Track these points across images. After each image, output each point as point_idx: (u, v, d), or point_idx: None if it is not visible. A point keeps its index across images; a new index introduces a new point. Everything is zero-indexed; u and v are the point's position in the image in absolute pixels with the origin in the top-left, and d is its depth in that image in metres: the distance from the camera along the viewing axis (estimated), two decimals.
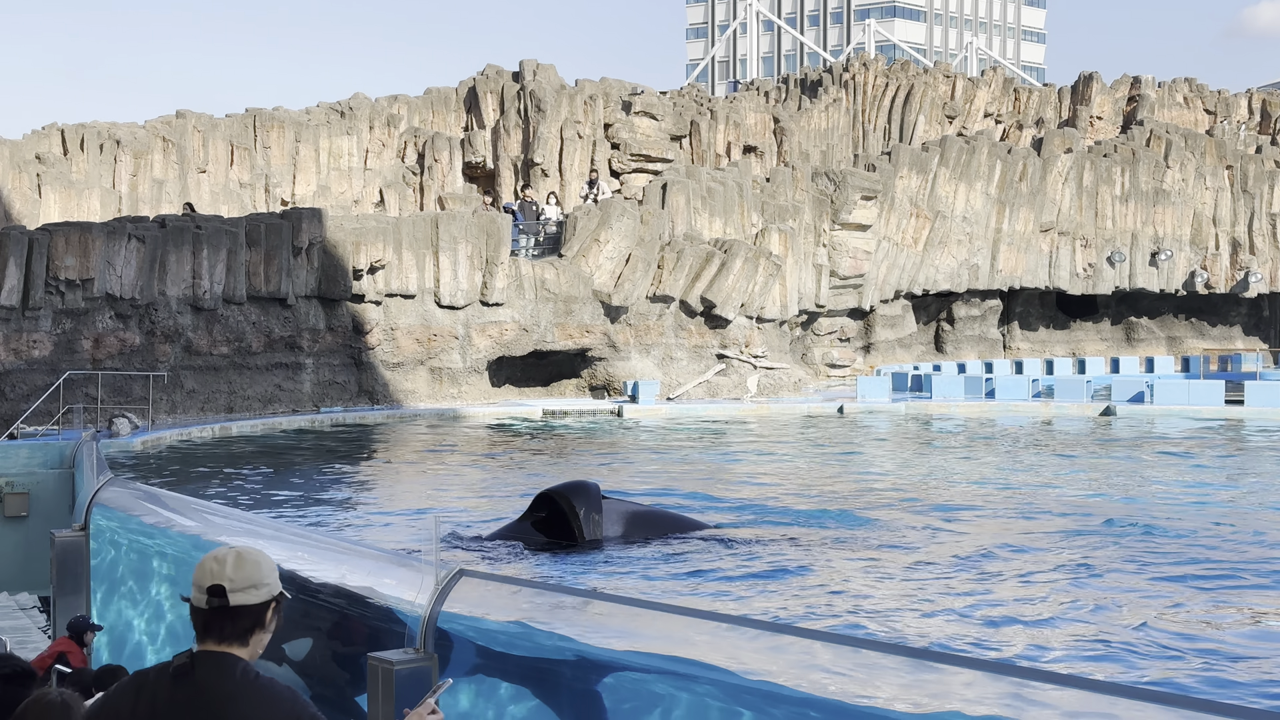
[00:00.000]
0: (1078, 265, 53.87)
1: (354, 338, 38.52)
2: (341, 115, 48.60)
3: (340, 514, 22.65)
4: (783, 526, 21.43)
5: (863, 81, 57.38)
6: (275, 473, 27.53)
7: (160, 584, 10.73)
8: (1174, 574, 17.72)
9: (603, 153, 48.85)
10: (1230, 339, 58.21)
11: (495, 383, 41.14)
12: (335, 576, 9.04)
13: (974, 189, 51.36)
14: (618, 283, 41.21)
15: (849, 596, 16.66)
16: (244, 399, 36.61)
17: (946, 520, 22.00)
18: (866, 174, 48.35)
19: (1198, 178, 55.20)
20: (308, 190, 46.99)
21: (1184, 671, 13.26)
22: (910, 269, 50.30)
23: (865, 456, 32.01)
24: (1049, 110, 59.12)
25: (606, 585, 16.84)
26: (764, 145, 53.76)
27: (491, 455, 31.28)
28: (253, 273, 36.65)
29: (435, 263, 39.25)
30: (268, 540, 9.97)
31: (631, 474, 28.11)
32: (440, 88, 51.13)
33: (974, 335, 54.17)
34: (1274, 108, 60.02)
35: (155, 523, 10.74)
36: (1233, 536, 20.43)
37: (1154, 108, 58.40)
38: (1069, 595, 16.59)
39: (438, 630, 7.77)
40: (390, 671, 7.75)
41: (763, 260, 43.12)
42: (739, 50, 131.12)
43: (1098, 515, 22.41)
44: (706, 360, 42.84)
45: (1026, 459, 31.05)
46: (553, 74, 49.91)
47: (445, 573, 7.83)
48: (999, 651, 13.84)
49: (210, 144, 45.71)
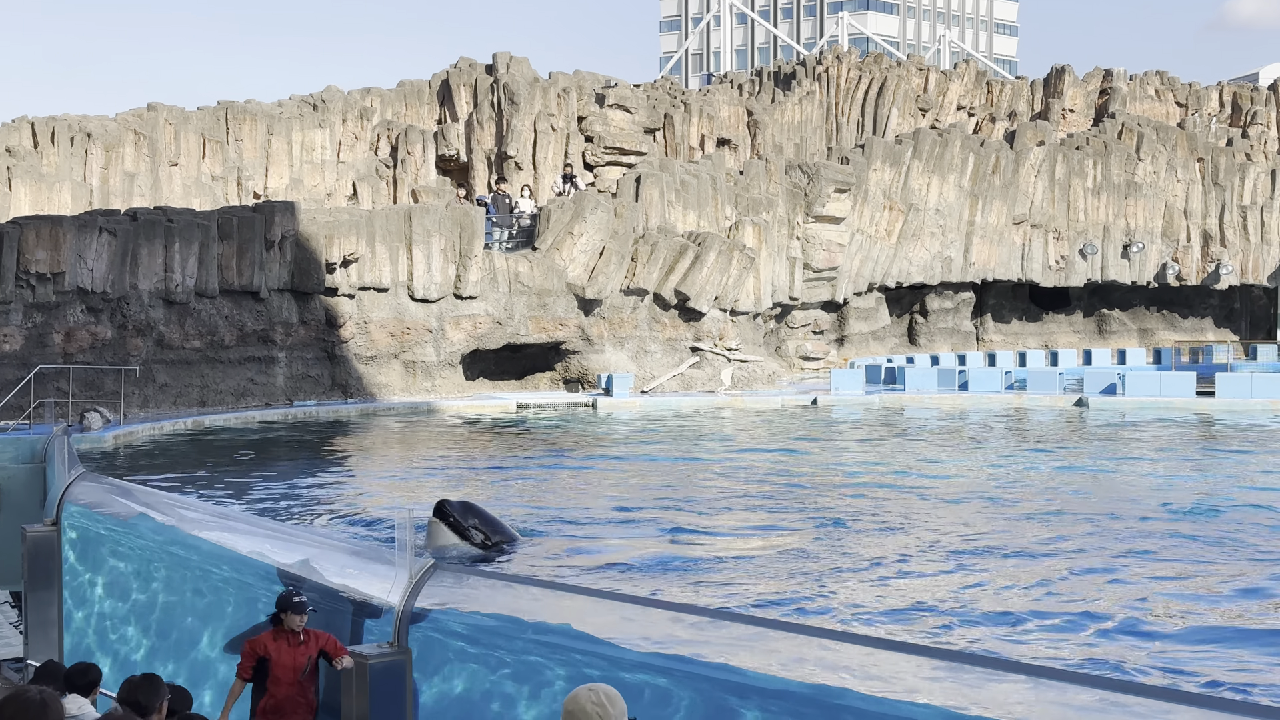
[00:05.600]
0: (1050, 258, 54.04)
1: (327, 331, 38.41)
2: (314, 108, 48.43)
3: (314, 508, 22.60)
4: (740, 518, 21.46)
5: (836, 74, 57.43)
6: (248, 467, 27.44)
7: (134, 578, 10.69)
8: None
9: (576, 146, 48.79)
10: (1201, 331, 58.48)
11: (469, 376, 41.08)
12: (309, 571, 9.04)
13: (947, 182, 51.48)
14: (591, 276, 41.19)
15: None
16: (217, 393, 36.48)
17: (909, 510, 22.07)
18: (840, 167, 48.40)
19: (1169, 170, 55.42)
20: (280, 183, 46.82)
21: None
22: (883, 262, 50.39)
23: (838, 448, 32.08)
24: (1021, 103, 59.27)
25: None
26: (738, 138, 53.77)
27: (465, 449, 31.24)
28: (225, 266, 36.52)
29: (408, 256, 39.17)
30: (241, 534, 9.96)
31: (606, 466, 28.12)
32: (413, 80, 51.00)
33: (947, 328, 54.31)
34: (1244, 100, 60.26)
35: (128, 517, 10.71)
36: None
37: (1125, 101, 58.60)
38: (983, 576, 16.67)
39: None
40: (364, 665, 7.73)
41: (736, 253, 43.14)
42: (712, 43, 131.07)
43: (1067, 505, 22.52)
44: (680, 353, 42.86)
45: (997, 450, 31.17)
46: (526, 67, 49.82)
47: (419, 567, 7.82)
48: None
49: (182, 137, 45.50)
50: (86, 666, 8.05)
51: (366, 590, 8.34)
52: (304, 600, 8.45)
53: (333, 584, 8.73)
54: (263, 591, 9.31)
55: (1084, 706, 5.28)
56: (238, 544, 9.77)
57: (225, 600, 9.78)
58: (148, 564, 10.51)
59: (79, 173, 43.19)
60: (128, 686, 7.36)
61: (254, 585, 9.46)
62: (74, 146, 43.17)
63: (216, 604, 9.85)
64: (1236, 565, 17.96)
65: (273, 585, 9.17)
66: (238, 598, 9.64)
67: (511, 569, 17.50)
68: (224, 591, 9.80)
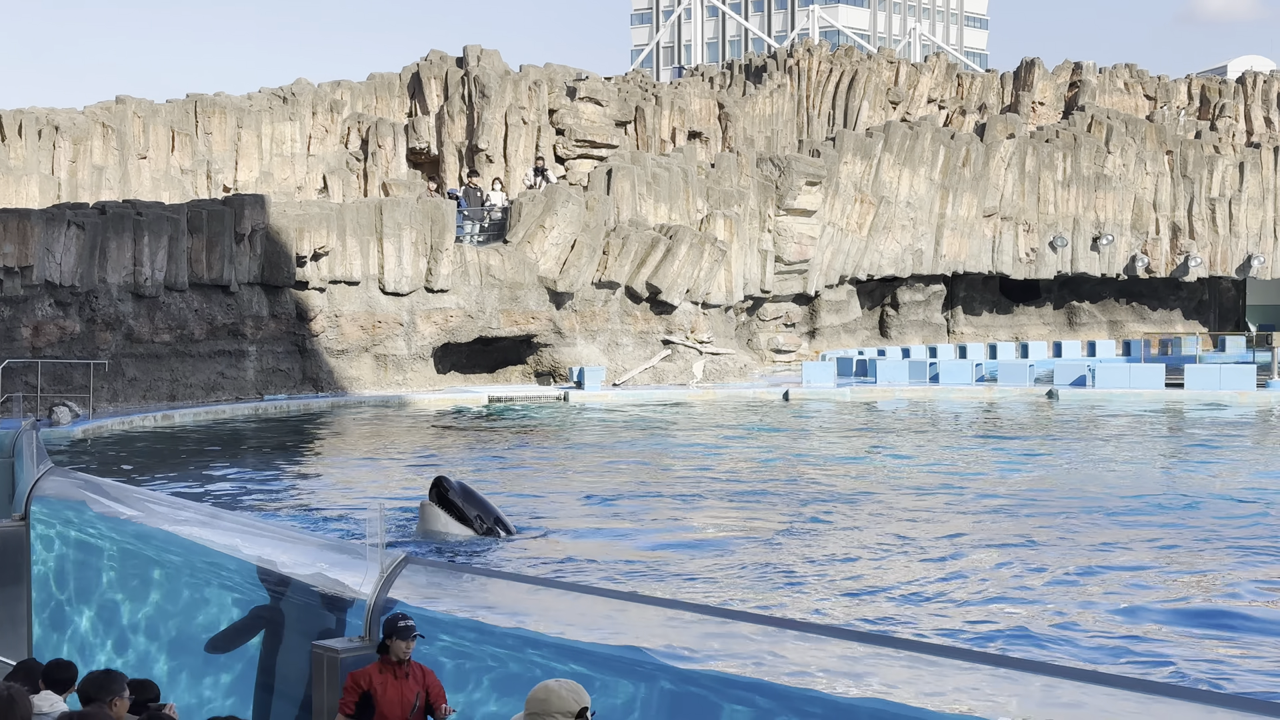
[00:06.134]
0: (1020, 250, 54.22)
1: (298, 325, 38.29)
2: (284, 101, 48.24)
3: (285, 502, 22.54)
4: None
5: (807, 67, 57.47)
6: (218, 461, 27.35)
7: (105, 573, 10.64)
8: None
9: (547, 139, 48.73)
10: (1170, 323, 58.76)
11: (440, 369, 41.01)
12: (279, 564, 9.00)
13: (918, 174, 51.59)
14: (563, 269, 41.15)
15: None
16: (186, 387, 36.33)
17: (879, 504, 22.14)
18: (811, 160, 48.46)
19: (1138, 163, 55.65)
20: (250, 176, 46.62)
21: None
22: (855, 254, 50.48)
23: (810, 441, 32.14)
24: (991, 96, 59.41)
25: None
26: (709, 131, 53.77)
27: (437, 442, 31.19)
28: (195, 260, 36.36)
29: (379, 249, 39.07)
30: (212, 529, 9.92)
31: (579, 458, 28.12)
32: (384, 73, 50.85)
33: (918, 320, 54.45)
34: (1213, 93, 60.54)
35: (99, 512, 10.65)
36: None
37: (1095, 93, 58.79)
38: (952, 567, 16.74)
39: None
40: (335, 660, 7.72)
41: (708, 246, 43.16)
42: (683, 36, 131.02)
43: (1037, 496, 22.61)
44: (652, 346, 42.86)
45: (968, 442, 31.28)
46: (497, 60, 49.71)
47: (390, 560, 7.80)
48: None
49: (151, 130, 45.26)
50: (64, 664, 8.08)
51: (338, 584, 8.32)
52: (411, 624, 7.56)
53: (303, 578, 8.69)
54: (234, 585, 9.28)
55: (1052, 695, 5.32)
56: (208, 538, 9.74)
57: (196, 595, 9.75)
58: (117, 559, 10.46)
59: (46, 166, 42.92)
60: (85, 682, 7.44)
61: (225, 579, 9.43)
62: (41, 139, 42.90)
63: (187, 599, 9.81)
64: (1206, 555, 18.08)
65: (244, 579, 9.14)
66: (209, 592, 9.60)
67: (495, 561, 17.49)
68: (195, 586, 9.76)
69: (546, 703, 5.84)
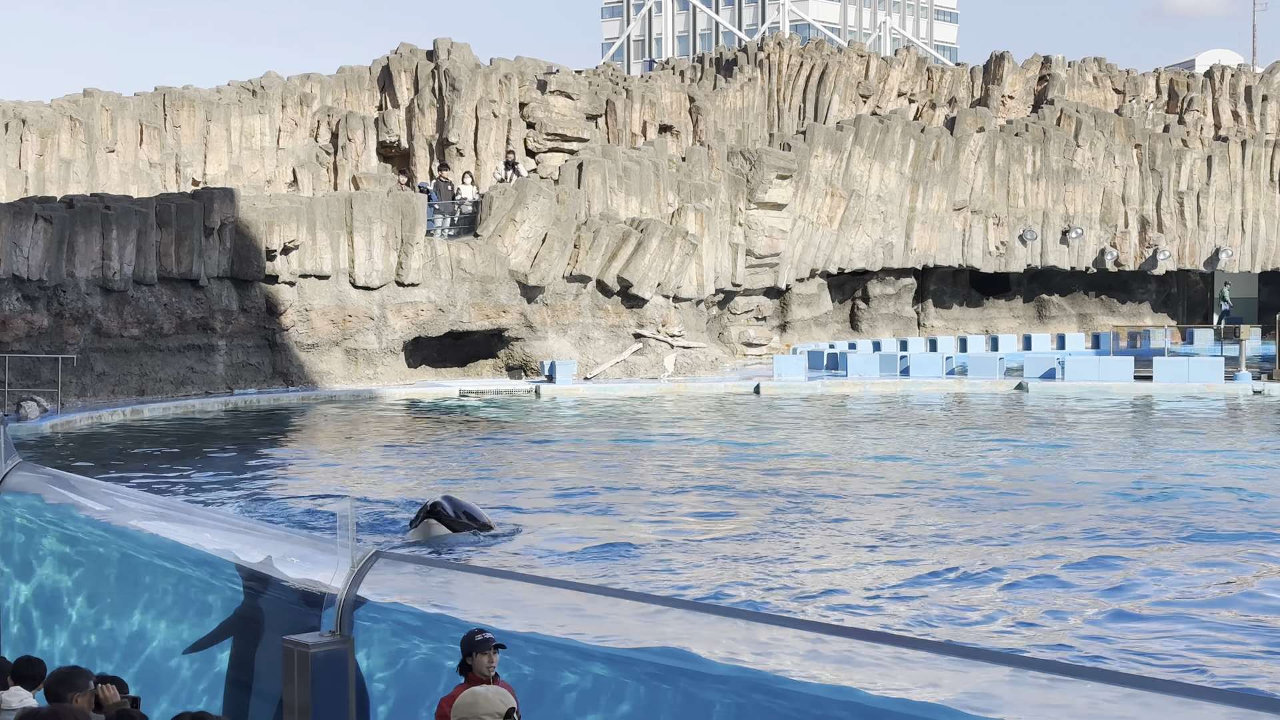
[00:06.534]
0: (990, 243, 54.39)
1: (268, 319, 38.16)
2: (253, 94, 48.03)
3: (255, 497, 22.46)
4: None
5: (777, 61, 57.51)
6: (188, 455, 27.24)
7: (75, 570, 10.58)
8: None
9: (518, 132, 48.64)
10: (1139, 316, 59.04)
11: (411, 363, 40.92)
12: (249, 559, 8.96)
13: (888, 168, 51.69)
14: (534, 262, 41.10)
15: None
16: (156, 381, 36.16)
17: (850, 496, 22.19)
18: (782, 153, 48.51)
19: (1107, 156, 55.87)
20: (219, 170, 46.40)
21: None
22: (825, 248, 50.56)
23: (781, 434, 32.18)
24: (961, 90, 59.56)
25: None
26: (680, 124, 53.76)
27: (408, 437, 31.13)
28: (163, 254, 36.18)
29: (350, 243, 38.96)
30: (180, 524, 9.87)
31: (548, 452, 28.11)
32: (353, 66, 50.67)
33: (889, 313, 54.58)
34: (1181, 87, 60.81)
35: (68, 508, 10.59)
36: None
37: (1064, 87, 59.00)
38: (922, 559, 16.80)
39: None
40: (306, 654, 7.68)
41: (679, 239, 43.16)
42: (654, 29, 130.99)
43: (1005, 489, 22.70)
44: (623, 340, 42.85)
45: (938, 435, 31.38)
46: (467, 53, 49.58)
47: (361, 555, 7.78)
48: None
49: (119, 123, 45.00)
50: (33, 660, 8.09)
51: (309, 578, 8.29)
52: (490, 636, 7.05)
53: (274, 572, 8.66)
54: (204, 580, 9.24)
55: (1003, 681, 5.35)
56: (178, 533, 9.69)
57: (166, 591, 9.70)
58: (85, 555, 10.41)
59: (14, 159, 42.65)
60: (51, 678, 7.44)
61: (194, 575, 9.38)
62: (8, 133, 42.63)
63: (157, 595, 9.77)
64: (1179, 546, 18.18)
65: (214, 574, 9.10)
66: (179, 588, 9.56)
67: (474, 556, 17.47)
68: (164, 581, 9.72)
69: (474, 706, 6.17)
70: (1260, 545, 18.42)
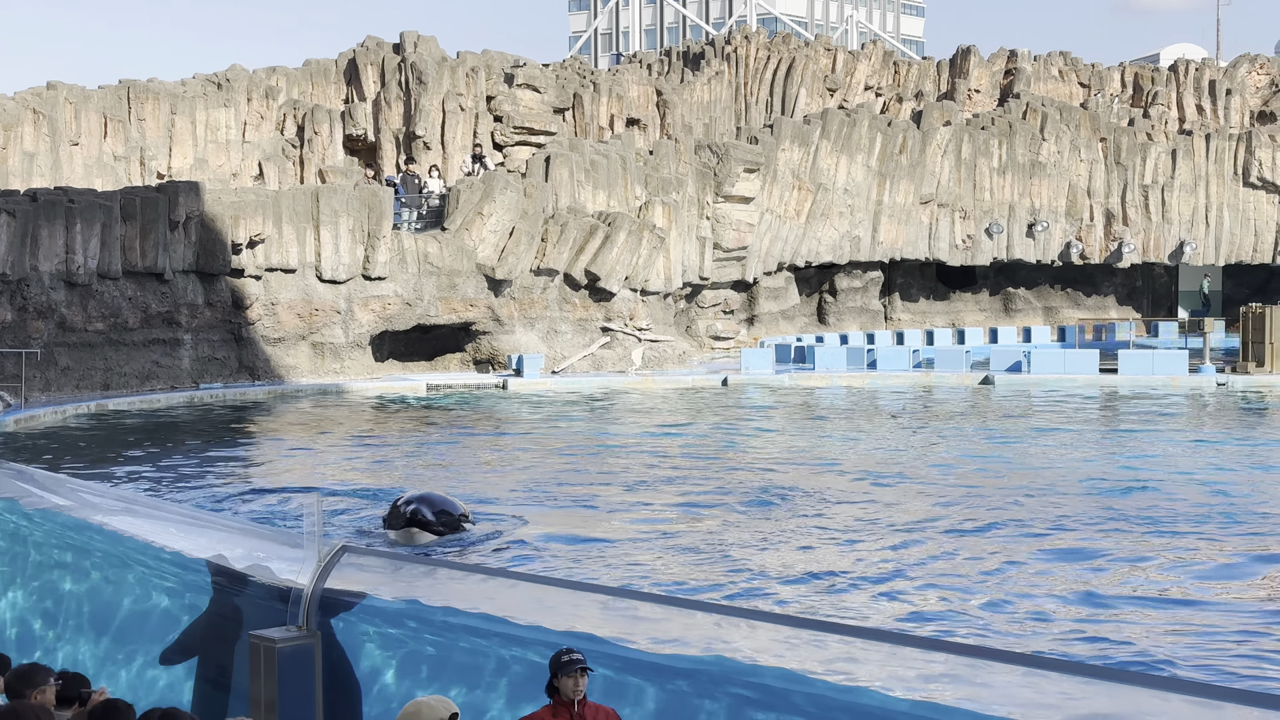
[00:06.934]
0: (956, 237, 54.56)
1: (234, 313, 37.99)
2: (218, 87, 47.79)
3: (221, 492, 22.37)
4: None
5: (745, 54, 57.55)
6: (153, 450, 27.10)
7: (35, 565, 10.52)
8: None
9: (485, 125, 48.53)
10: (1104, 309, 59.32)
11: (378, 357, 40.81)
12: (216, 554, 8.92)
13: (855, 161, 51.79)
14: (501, 256, 41.03)
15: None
16: (121, 376, 35.96)
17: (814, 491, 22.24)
18: (749, 147, 48.54)
19: (1072, 150, 56.10)
20: (184, 163, 46.15)
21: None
22: (793, 241, 50.63)
23: (749, 427, 32.23)
24: (928, 83, 59.71)
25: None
26: (647, 118, 53.74)
27: (375, 431, 31.05)
28: (128, 247, 35.97)
29: (316, 236, 38.81)
30: (146, 519, 9.82)
31: (516, 446, 28.09)
32: (319, 59, 50.46)
33: (856, 307, 54.70)
34: (1146, 81, 61.11)
35: (32, 503, 10.52)
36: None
37: (1030, 81, 59.22)
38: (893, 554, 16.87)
39: None
40: (273, 650, 7.66)
41: (646, 233, 43.16)
42: (621, 23, 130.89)
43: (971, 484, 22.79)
44: (591, 333, 42.83)
45: (907, 427, 31.47)
46: (434, 46, 49.44)
47: (328, 549, 7.76)
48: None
49: (83, 116, 44.71)
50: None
51: (275, 573, 8.27)
52: (578, 657, 6.66)
53: (241, 567, 8.63)
54: (170, 576, 9.19)
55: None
56: (144, 529, 9.64)
57: (132, 586, 9.65)
58: (50, 550, 10.35)
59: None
60: (10, 675, 7.42)
61: (161, 570, 9.34)
62: None
63: (122, 590, 9.72)
64: (1145, 539, 18.28)
65: (180, 569, 9.05)
66: (145, 583, 9.51)
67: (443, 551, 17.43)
68: (130, 577, 9.67)
69: (417, 715, 6.41)
70: (1220, 536, 18.55)
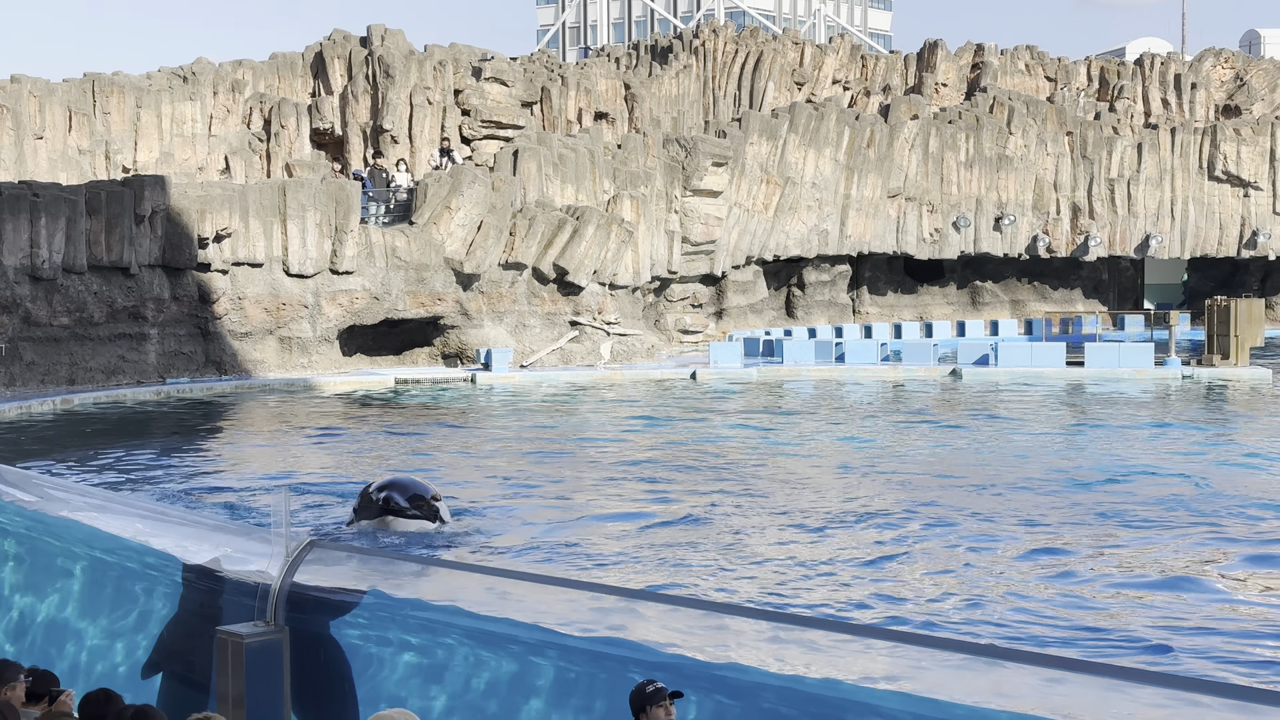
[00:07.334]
0: (924, 230, 54.73)
1: (200, 307, 37.81)
2: (184, 80, 47.54)
3: (188, 487, 22.27)
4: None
5: (713, 48, 57.58)
6: (119, 445, 26.96)
7: (2, 562, 10.45)
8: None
9: (453, 119, 48.41)
10: (1071, 302, 59.62)
11: (346, 352, 40.68)
12: (183, 549, 8.88)
13: (823, 155, 51.87)
14: (469, 250, 40.95)
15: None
16: (86, 371, 35.76)
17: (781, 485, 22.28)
18: (717, 140, 48.57)
19: (1039, 144, 56.34)
20: (150, 157, 45.90)
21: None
22: (761, 235, 50.69)
23: (717, 421, 32.26)
24: (895, 77, 59.86)
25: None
26: (615, 112, 53.71)
27: (343, 425, 30.96)
28: (93, 241, 35.76)
29: (283, 231, 38.65)
30: (112, 514, 9.77)
31: (485, 440, 28.05)
32: (286, 53, 50.25)
33: (824, 300, 54.81)
34: (1111, 75, 61.40)
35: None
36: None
37: (997, 75, 59.44)
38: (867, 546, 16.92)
39: None
40: (240, 645, 7.63)
41: (615, 227, 43.14)
42: (589, 16, 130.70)
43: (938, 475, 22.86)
44: (560, 327, 42.79)
45: (875, 420, 31.54)
46: (401, 39, 49.30)
47: (295, 544, 7.73)
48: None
49: (47, 109, 44.42)
50: None
51: (243, 568, 8.23)
52: (662, 686, 6.19)
53: (208, 563, 8.59)
54: (137, 572, 9.14)
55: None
56: (110, 524, 9.59)
57: (97, 582, 9.60)
58: (14, 546, 10.28)
59: None
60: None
61: (127, 566, 9.29)
62: None
63: (88, 587, 9.66)
64: (1108, 530, 18.37)
65: (146, 565, 9.01)
66: (111, 579, 9.46)
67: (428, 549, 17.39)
68: (95, 573, 9.61)
69: None
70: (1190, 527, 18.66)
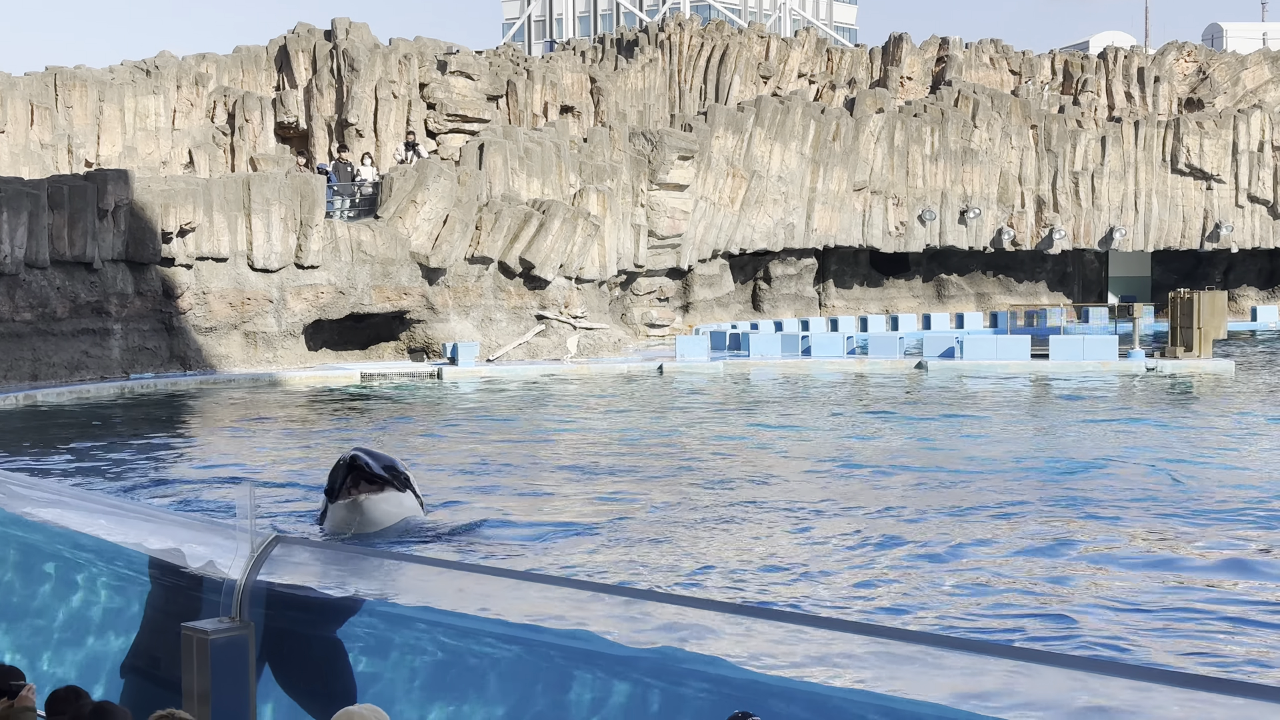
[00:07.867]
0: (890, 224, 54.89)
1: (164, 302, 37.62)
2: (147, 74, 47.27)
3: (153, 483, 22.16)
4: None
5: (678, 42, 57.59)
6: (83, 441, 26.80)
7: None
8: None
9: (418, 113, 48.29)
10: (1036, 295, 59.91)
11: (312, 346, 40.55)
12: (146, 544, 8.83)
13: (789, 149, 51.95)
14: (435, 244, 40.86)
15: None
16: (49, 366, 35.53)
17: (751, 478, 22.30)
18: (683, 134, 48.59)
19: (1004, 137, 56.56)
20: (113, 151, 45.64)
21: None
22: (727, 228, 50.75)
23: (684, 414, 32.29)
24: (861, 71, 60.00)
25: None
26: (581, 105, 53.67)
27: (309, 420, 30.86)
28: (56, 236, 35.52)
29: (248, 225, 38.48)
30: (75, 510, 9.70)
31: (451, 435, 28.00)
32: (250, 46, 50.03)
33: (790, 294, 54.92)
34: (1075, 68, 61.69)
35: None
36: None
37: (961, 69, 59.64)
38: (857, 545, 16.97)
39: None
40: (205, 641, 7.59)
41: (581, 221, 43.10)
42: (555, 9, 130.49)
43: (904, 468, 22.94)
44: (526, 321, 42.75)
45: (841, 413, 31.63)
46: (366, 33, 49.13)
47: (260, 539, 7.70)
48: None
49: (8, 104, 44.11)
50: None
51: (208, 564, 8.19)
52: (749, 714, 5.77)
53: (172, 558, 8.54)
54: (101, 568, 9.09)
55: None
56: (73, 519, 9.53)
57: (60, 579, 9.54)
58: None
59: None
60: None
61: (90, 562, 9.23)
62: None
63: (51, 583, 9.60)
64: (1078, 521, 18.46)
65: (111, 561, 8.95)
66: (74, 576, 9.41)
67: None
68: (58, 569, 9.55)
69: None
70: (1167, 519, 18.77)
